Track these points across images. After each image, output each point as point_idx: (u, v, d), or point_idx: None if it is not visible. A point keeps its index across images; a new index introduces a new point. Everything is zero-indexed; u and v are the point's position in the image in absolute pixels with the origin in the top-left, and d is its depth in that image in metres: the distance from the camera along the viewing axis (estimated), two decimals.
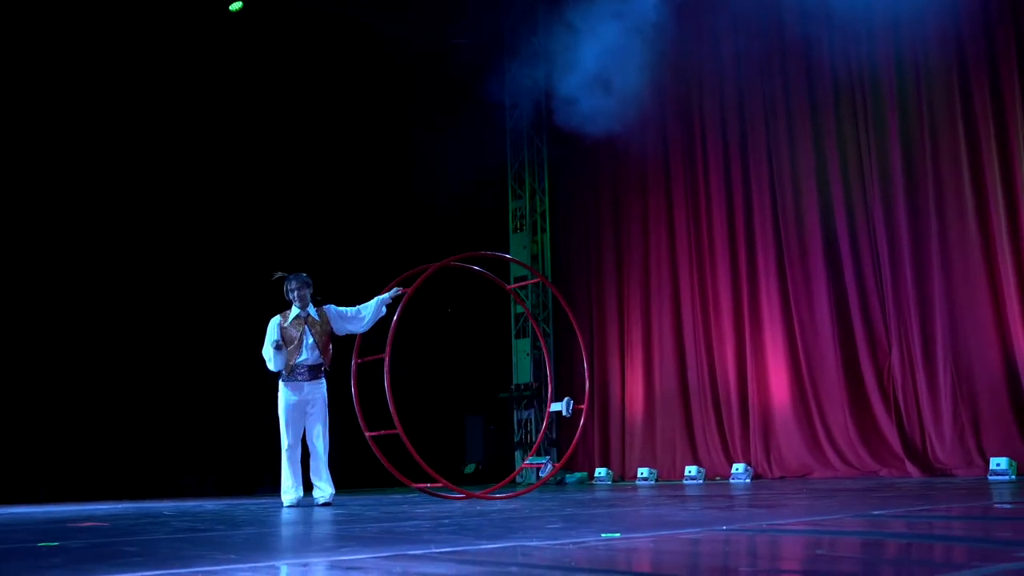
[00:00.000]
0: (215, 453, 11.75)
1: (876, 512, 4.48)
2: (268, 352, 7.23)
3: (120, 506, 8.15)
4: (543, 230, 13.82)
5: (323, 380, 7.33)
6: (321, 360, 7.31)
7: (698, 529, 3.76)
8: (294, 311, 7.36)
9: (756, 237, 11.17)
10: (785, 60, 11.09)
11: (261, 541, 3.96)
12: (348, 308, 7.43)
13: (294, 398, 7.22)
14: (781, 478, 10.37)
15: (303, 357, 7.24)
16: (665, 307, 12.06)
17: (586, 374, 8.60)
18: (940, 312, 9.49)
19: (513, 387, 13.52)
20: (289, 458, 7.23)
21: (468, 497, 7.20)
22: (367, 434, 7.21)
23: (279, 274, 7.39)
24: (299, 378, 7.23)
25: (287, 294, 7.36)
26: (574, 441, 8.16)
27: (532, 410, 13.36)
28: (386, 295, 7.44)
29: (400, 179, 13.35)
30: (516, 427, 13.53)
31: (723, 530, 3.68)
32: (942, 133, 9.66)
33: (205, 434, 11.65)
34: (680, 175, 12.14)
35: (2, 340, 10.50)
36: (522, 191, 14.01)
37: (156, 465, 11.43)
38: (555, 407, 7.94)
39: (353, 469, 10.22)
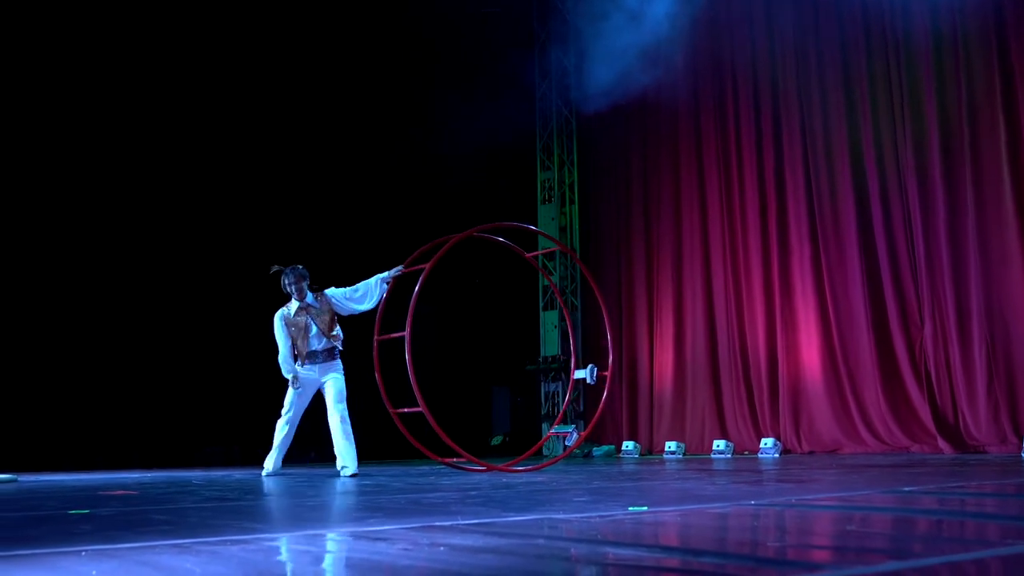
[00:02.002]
0: (241, 423, 11.87)
1: (907, 488, 4.47)
2: (285, 367, 7.43)
3: (149, 475, 8.27)
4: (571, 202, 13.78)
5: (338, 359, 7.50)
6: (332, 344, 7.45)
7: (726, 504, 3.76)
8: (295, 303, 7.48)
9: (788, 208, 11.08)
10: (818, 26, 10.95)
11: (288, 511, 4.01)
12: (346, 289, 7.49)
13: (308, 376, 7.38)
14: (810, 453, 10.35)
15: (313, 346, 7.42)
16: (695, 279, 12.02)
17: (610, 345, 8.59)
18: (976, 286, 9.38)
19: (540, 359, 13.55)
20: (279, 429, 7.46)
21: (490, 469, 7.24)
22: (391, 411, 7.26)
23: (275, 268, 7.46)
24: (317, 361, 7.41)
25: (284, 288, 7.47)
26: (599, 408, 8.20)
27: (559, 382, 13.39)
28: (386, 273, 7.47)
29: (425, 150, 13.32)
30: (543, 399, 13.58)
31: (751, 505, 3.68)
32: (980, 101, 9.50)
33: (231, 403, 11.76)
34: (712, 144, 12.05)
35: (30, 312, 10.64)
36: (551, 162, 13.96)
37: (184, 434, 11.58)
38: (579, 374, 7.95)
39: (379, 441, 10.31)
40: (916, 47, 10.04)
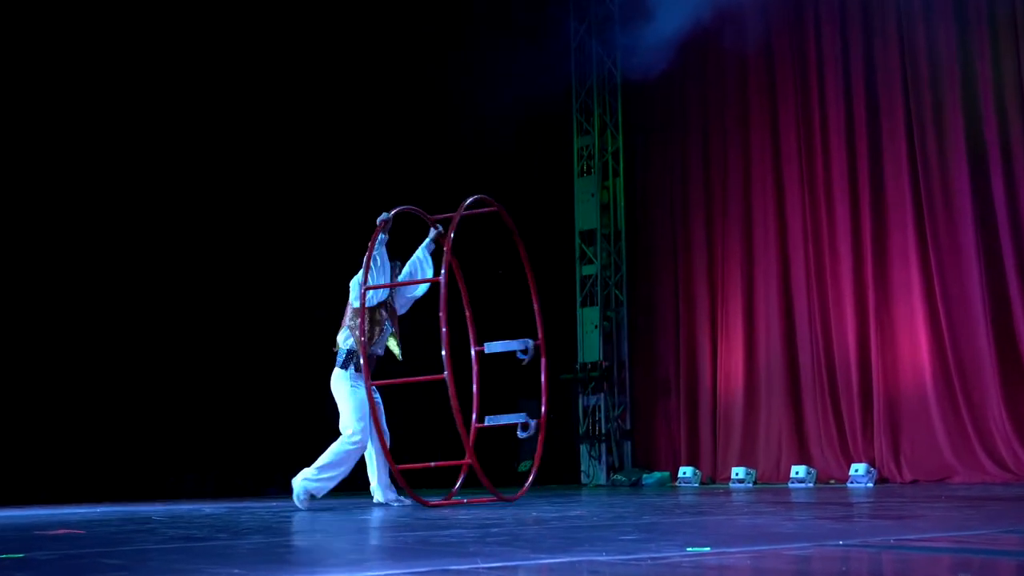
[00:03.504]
0: (216, 447, 11.93)
1: None
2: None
3: (99, 510, 8.33)
4: (616, 173, 13.75)
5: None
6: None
7: (807, 544, 3.74)
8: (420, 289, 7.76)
9: (885, 180, 10.99)
10: None
11: (271, 552, 4.02)
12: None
13: (362, 392, 7.41)
14: (913, 482, 10.28)
15: (380, 349, 7.58)
16: (770, 269, 11.96)
17: (542, 348, 8.56)
18: None
19: (578, 366, 13.53)
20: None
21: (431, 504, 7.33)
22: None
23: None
24: (367, 372, 7.42)
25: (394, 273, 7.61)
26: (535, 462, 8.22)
27: (601, 395, 13.37)
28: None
29: (441, 112, 13.32)
30: (581, 416, 13.56)
31: (839, 546, 3.66)
32: None
33: (203, 425, 11.83)
34: (789, 103, 11.97)
35: None
36: (590, 125, 13.94)
37: (144, 462, 11.64)
38: (505, 420, 7.97)
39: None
40: None
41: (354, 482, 8.14)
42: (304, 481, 7.24)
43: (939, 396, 10.38)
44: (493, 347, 7.94)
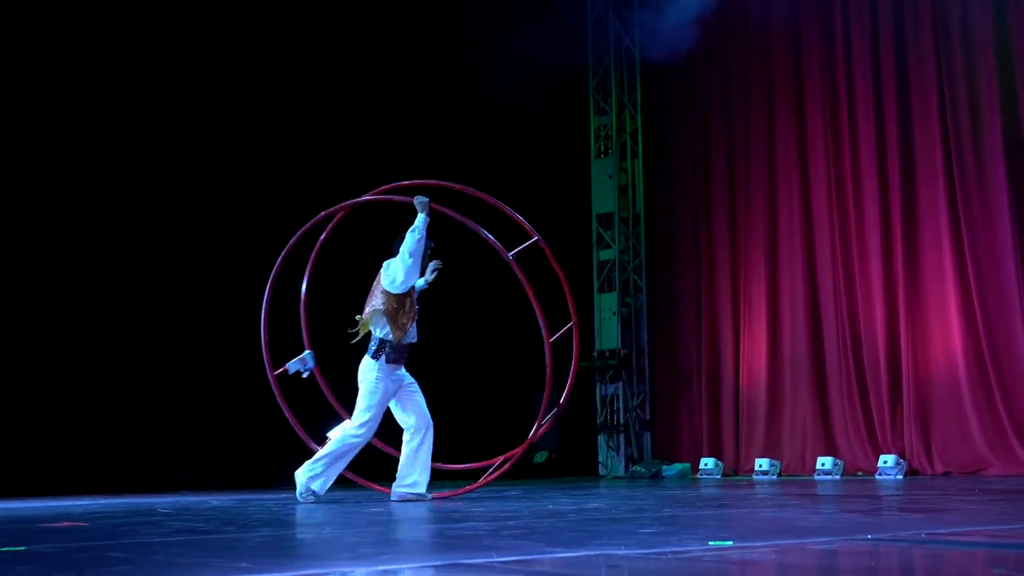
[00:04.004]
0: (222, 438, 11.97)
1: None
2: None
3: (101, 502, 8.37)
4: (634, 154, 13.72)
5: None
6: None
7: (834, 538, 3.74)
8: (421, 280, 7.63)
9: (916, 160, 10.94)
10: None
11: (280, 546, 4.04)
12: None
13: (388, 386, 7.38)
14: (945, 475, 10.26)
15: (414, 336, 7.50)
16: (795, 253, 11.92)
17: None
18: None
19: (595, 354, 13.53)
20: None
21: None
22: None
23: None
24: (401, 361, 7.43)
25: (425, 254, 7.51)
26: (531, 438, 8.14)
27: (619, 384, 13.37)
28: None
29: (451, 90, 13.29)
30: (599, 405, 13.57)
31: (868, 540, 3.66)
32: None
33: (208, 416, 11.86)
34: (816, 81, 11.91)
35: None
36: (607, 104, 13.90)
37: (148, 453, 11.69)
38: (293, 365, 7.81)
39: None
40: None
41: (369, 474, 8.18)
42: (307, 476, 7.25)
43: (972, 385, 10.35)
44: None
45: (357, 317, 7.49)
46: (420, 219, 7.31)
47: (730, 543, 3.51)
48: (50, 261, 11.48)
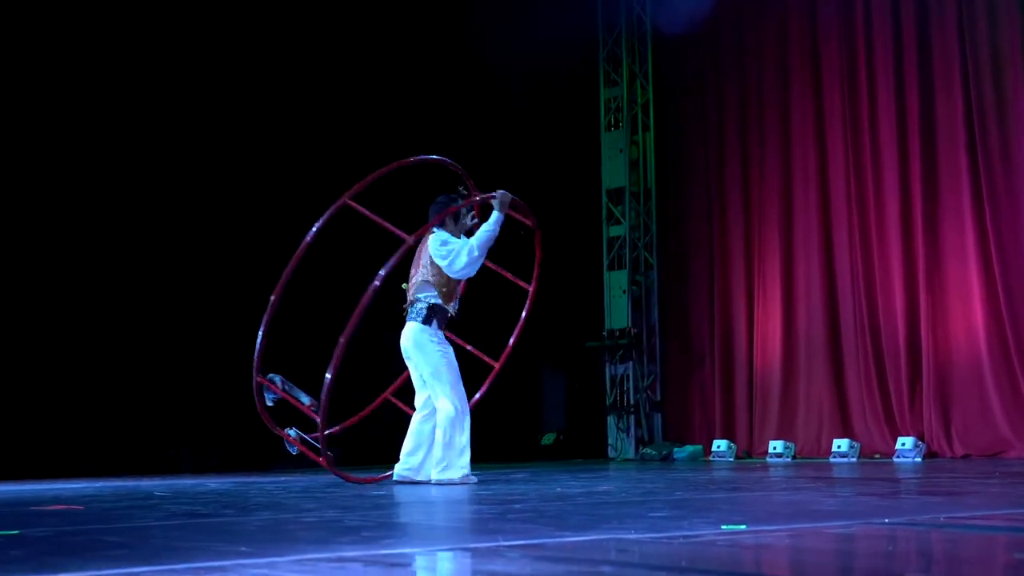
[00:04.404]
0: (218, 419, 11.99)
1: None
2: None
3: (96, 484, 8.40)
4: (646, 128, 13.69)
5: None
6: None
7: (850, 522, 3.74)
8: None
9: (938, 131, 10.91)
10: None
11: (281, 529, 4.05)
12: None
13: (451, 353, 7.29)
14: (965, 457, 10.27)
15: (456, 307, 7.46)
16: (810, 228, 11.90)
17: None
18: None
19: (605, 333, 13.54)
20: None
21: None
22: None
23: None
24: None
25: (464, 216, 7.48)
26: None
27: (630, 363, 13.37)
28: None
29: (457, 59, 13.25)
30: (608, 386, 13.58)
31: (885, 524, 3.66)
32: None
33: (205, 396, 11.87)
34: (833, 49, 11.87)
35: None
36: (618, 76, 13.86)
37: (145, 434, 11.71)
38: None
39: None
40: None
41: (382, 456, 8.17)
42: (446, 476, 6.88)
43: (995, 365, 10.36)
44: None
45: (403, 286, 7.37)
46: (496, 216, 7.21)
47: (743, 527, 3.52)
48: (44, 243, 11.52)
